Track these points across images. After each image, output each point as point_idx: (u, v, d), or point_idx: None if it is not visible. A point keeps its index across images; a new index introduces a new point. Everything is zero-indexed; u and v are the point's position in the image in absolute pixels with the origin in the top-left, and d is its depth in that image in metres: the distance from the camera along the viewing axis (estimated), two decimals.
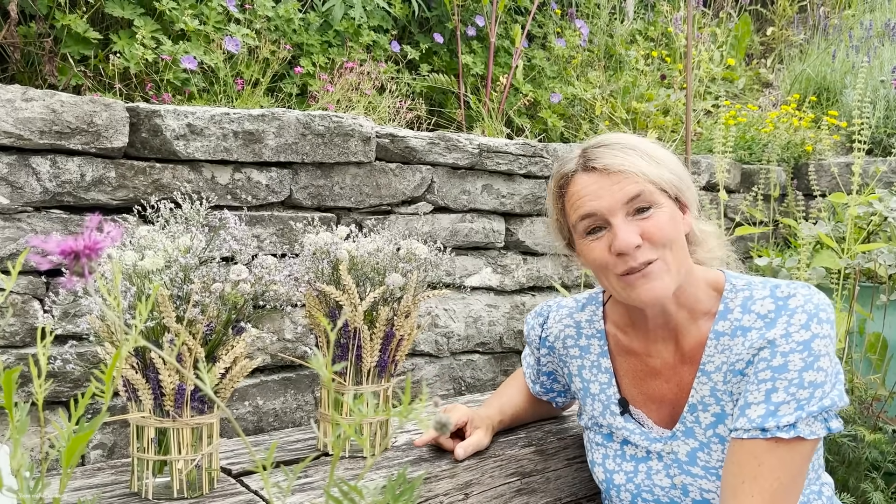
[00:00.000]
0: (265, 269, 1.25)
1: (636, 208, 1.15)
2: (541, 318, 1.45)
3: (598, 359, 1.34)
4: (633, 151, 1.17)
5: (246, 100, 2.18)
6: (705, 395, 1.20)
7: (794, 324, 1.11)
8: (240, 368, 1.21)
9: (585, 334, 1.37)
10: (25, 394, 1.41)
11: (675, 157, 1.23)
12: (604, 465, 1.33)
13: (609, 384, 1.32)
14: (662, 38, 3.99)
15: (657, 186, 1.15)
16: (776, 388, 1.09)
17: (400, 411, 0.55)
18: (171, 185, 1.57)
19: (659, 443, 1.26)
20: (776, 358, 1.10)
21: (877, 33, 4.34)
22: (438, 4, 2.96)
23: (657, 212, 1.15)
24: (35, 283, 1.44)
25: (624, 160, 1.16)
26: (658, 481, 1.26)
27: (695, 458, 1.22)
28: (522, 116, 2.93)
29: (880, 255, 2.08)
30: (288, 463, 1.37)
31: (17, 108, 1.38)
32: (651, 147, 1.20)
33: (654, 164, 1.16)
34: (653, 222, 1.14)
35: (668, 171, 1.17)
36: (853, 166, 2.08)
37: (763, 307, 1.15)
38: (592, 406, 1.35)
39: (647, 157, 1.17)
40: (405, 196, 1.96)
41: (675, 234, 1.16)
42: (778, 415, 1.08)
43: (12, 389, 0.59)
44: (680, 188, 1.19)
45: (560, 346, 1.41)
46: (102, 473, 1.31)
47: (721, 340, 1.19)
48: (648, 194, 1.14)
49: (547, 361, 1.45)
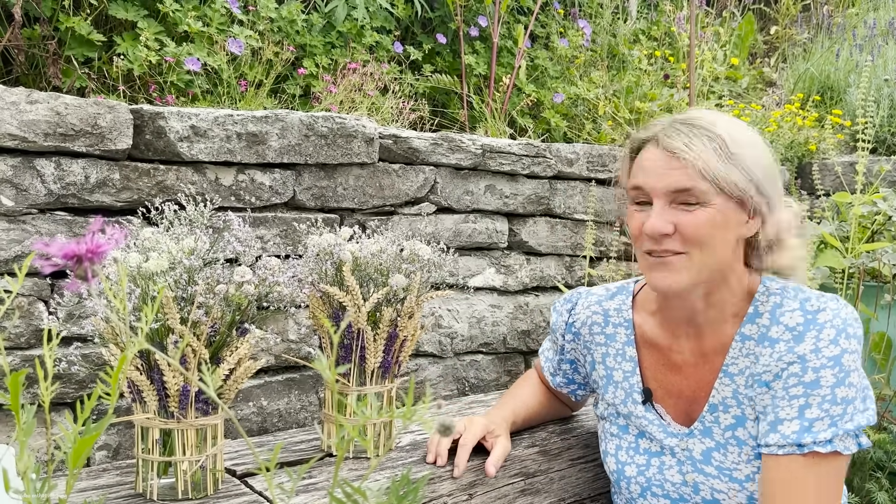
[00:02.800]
0: (269, 271, 1.25)
1: (682, 200, 1.12)
2: (569, 304, 1.45)
3: (624, 347, 1.34)
4: (712, 140, 1.11)
5: (249, 101, 2.19)
6: (727, 397, 1.20)
7: (824, 339, 1.10)
8: (244, 370, 1.21)
9: (613, 322, 1.37)
10: (31, 395, 1.42)
11: (763, 156, 1.14)
12: (616, 456, 1.33)
13: (633, 373, 1.32)
14: (666, 37, 3.99)
15: (716, 186, 1.10)
16: (809, 405, 1.09)
17: (404, 412, 0.55)
18: (175, 186, 1.57)
19: (675, 438, 1.26)
20: (807, 374, 1.10)
21: (881, 32, 4.33)
22: (441, 5, 2.96)
23: (702, 210, 1.11)
24: (40, 285, 1.45)
25: (692, 148, 1.10)
26: (670, 477, 1.26)
27: (710, 458, 1.22)
28: (525, 117, 2.93)
29: (884, 255, 2.08)
30: (292, 464, 1.38)
31: (22, 110, 1.38)
32: (741, 138, 1.13)
33: (726, 161, 1.10)
34: (691, 219, 1.11)
35: (740, 173, 1.10)
36: (857, 165, 2.07)
37: (792, 319, 1.14)
38: (614, 394, 1.34)
39: (725, 151, 1.10)
40: (408, 197, 1.96)
41: (710, 236, 1.11)
42: (813, 431, 1.08)
43: (19, 391, 0.59)
44: (749, 192, 1.11)
45: (586, 333, 1.40)
46: (107, 474, 1.31)
47: (746, 344, 1.18)
48: (700, 192, 1.10)
49: (571, 349, 1.44)
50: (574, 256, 2.37)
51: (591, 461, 1.55)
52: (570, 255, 2.36)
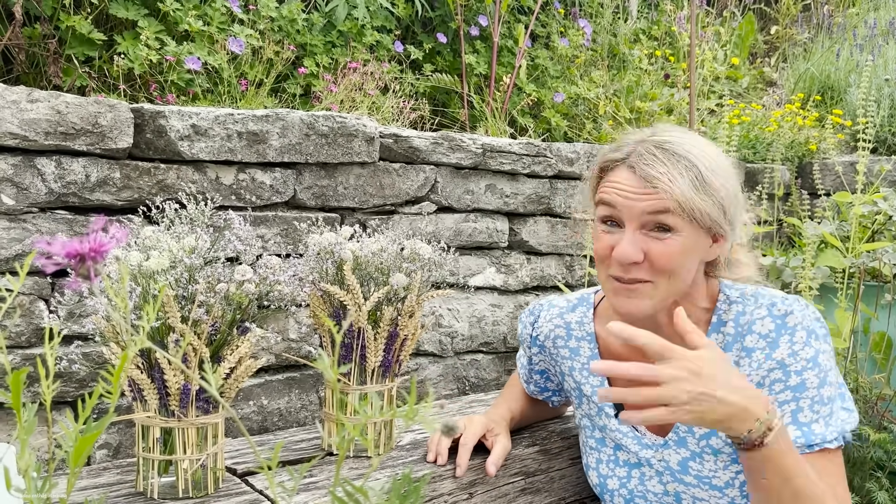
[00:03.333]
0: (269, 270, 1.25)
1: (655, 226, 1.10)
2: (532, 316, 1.45)
3: (589, 361, 1.33)
4: (688, 170, 1.08)
5: (250, 100, 2.19)
6: None
7: (798, 341, 1.12)
8: (244, 368, 1.21)
9: (575, 336, 1.36)
10: (31, 394, 1.42)
11: (732, 182, 1.13)
12: (597, 470, 1.33)
13: (601, 387, 1.31)
14: (666, 37, 3.99)
15: (689, 216, 1.08)
16: (801, 408, 1.11)
17: (406, 412, 0.55)
18: (175, 185, 1.57)
19: (650, 450, 1.26)
20: (791, 377, 1.12)
21: (881, 32, 4.33)
22: (441, 4, 2.96)
23: (674, 238, 1.09)
24: (41, 283, 1.45)
25: (668, 179, 1.07)
26: (651, 487, 1.26)
27: (687, 468, 1.22)
28: (526, 116, 2.93)
29: (885, 254, 2.08)
30: (292, 463, 1.38)
31: (23, 109, 1.38)
32: (715, 166, 1.10)
33: (702, 192, 1.08)
34: (663, 248, 1.09)
35: (713, 204, 1.09)
36: (857, 165, 2.07)
37: (763, 327, 1.15)
38: (588, 406, 1.35)
39: (700, 181, 1.08)
40: (409, 196, 1.96)
41: (680, 265, 1.11)
42: (815, 433, 1.11)
43: (20, 390, 0.59)
44: (719, 222, 1.10)
45: (550, 346, 1.40)
46: (108, 473, 1.31)
47: None
48: (674, 220, 1.08)
49: (539, 360, 1.45)
50: (574, 256, 2.37)
51: None
52: (571, 255, 2.36)
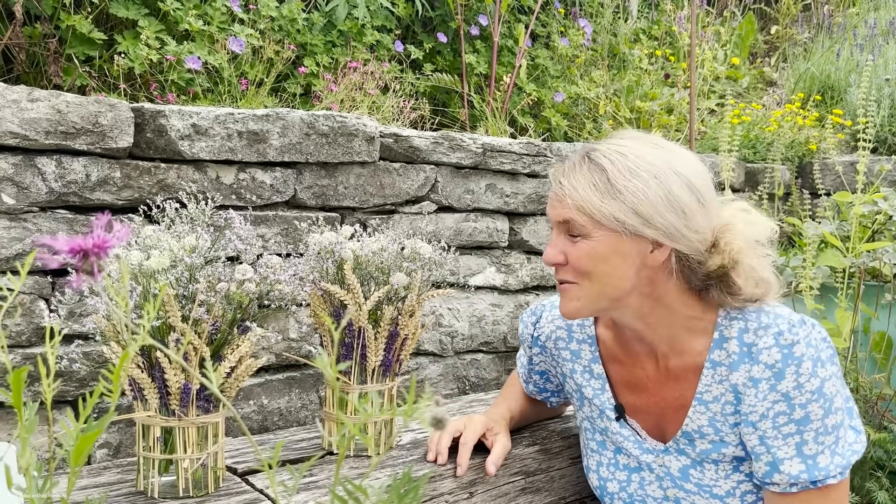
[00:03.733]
0: (270, 269, 1.25)
1: (568, 231, 1.15)
2: (534, 316, 1.45)
3: (591, 364, 1.33)
4: (593, 174, 1.11)
5: (250, 100, 2.19)
6: (703, 425, 1.19)
7: (804, 373, 1.10)
8: (245, 368, 1.21)
9: (577, 338, 1.36)
10: (32, 393, 1.42)
11: (669, 185, 1.10)
12: (598, 473, 1.33)
13: (603, 390, 1.31)
14: (666, 36, 3.99)
15: (594, 220, 1.11)
16: (805, 441, 1.11)
17: (405, 410, 0.55)
18: (176, 185, 1.57)
19: (651, 454, 1.26)
20: (795, 411, 1.11)
21: (881, 31, 4.33)
22: (442, 4, 2.96)
23: (584, 242, 1.13)
24: (41, 282, 1.45)
25: (570, 187, 1.12)
26: (651, 492, 1.26)
27: (687, 475, 1.23)
28: (526, 116, 2.93)
29: (885, 254, 2.08)
30: (293, 462, 1.38)
31: (23, 108, 1.38)
32: (638, 170, 1.10)
33: (606, 196, 1.10)
34: (574, 250, 1.14)
35: (620, 208, 1.09)
36: (858, 165, 2.07)
37: (770, 357, 1.12)
38: (590, 408, 1.35)
39: (604, 185, 1.10)
40: (409, 195, 1.96)
41: (593, 267, 1.12)
42: (820, 466, 1.11)
43: (21, 389, 0.59)
44: (635, 225, 1.10)
45: (552, 347, 1.40)
46: (108, 472, 1.31)
47: (718, 371, 1.17)
48: (579, 225, 1.12)
49: (539, 361, 1.45)
50: None
51: None
52: None
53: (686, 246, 1.12)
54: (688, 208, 1.11)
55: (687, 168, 1.12)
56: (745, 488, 1.19)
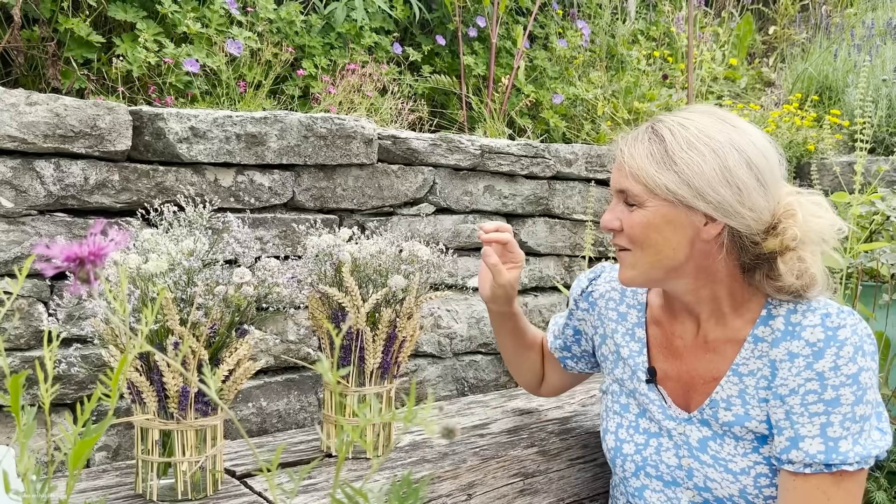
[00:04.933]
0: (268, 272, 1.25)
1: (625, 200, 1.19)
2: (594, 274, 1.47)
3: (634, 328, 1.35)
4: (652, 144, 1.14)
5: (248, 102, 2.19)
6: (732, 395, 1.20)
7: (843, 356, 1.11)
8: (243, 370, 1.21)
9: (627, 302, 1.38)
10: (30, 396, 1.42)
11: (726, 161, 1.11)
12: (616, 434, 1.34)
13: (640, 353, 1.33)
14: (664, 37, 3.99)
15: (648, 189, 1.14)
16: (831, 423, 1.11)
17: (405, 415, 0.55)
18: (174, 188, 1.58)
19: (673, 422, 1.27)
20: (827, 391, 1.11)
21: (879, 32, 4.34)
22: (439, 6, 2.96)
23: (639, 212, 1.16)
24: (40, 286, 1.45)
25: (629, 155, 1.16)
26: (666, 459, 1.27)
27: (706, 446, 1.23)
28: (524, 117, 2.93)
29: (883, 255, 2.08)
30: (291, 464, 1.38)
31: (21, 112, 1.38)
32: (697, 142, 1.12)
33: (661, 167, 1.12)
34: (628, 218, 1.18)
35: (675, 179, 1.11)
36: (855, 165, 2.07)
37: (813, 335, 1.13)
38: (623, 369, 1.36)
39: (661, 154, 1.13)
40: (407, 197, 1.96)
41: (646, 236, 1.16)
42: (840, 450, 1.10)
43: (19, 393, 0.59)
44: (688, 198, 1.11)
45: (602, 304, 1.41)
46: (107, 475, 1.31)
47: (759, 346, 1.19)
48: (634, 194, 1.16)
49: (581, 317, 1.45)
50: (573, 257, 2.37)
51: (590, 461, 1.55)
52: (570, 256, 2.36)
53: (739, 223, 1.13)
54: (744, 185, 1.11)
55: (749, 146, 1.13)
56: (760, 470, 1.19)
